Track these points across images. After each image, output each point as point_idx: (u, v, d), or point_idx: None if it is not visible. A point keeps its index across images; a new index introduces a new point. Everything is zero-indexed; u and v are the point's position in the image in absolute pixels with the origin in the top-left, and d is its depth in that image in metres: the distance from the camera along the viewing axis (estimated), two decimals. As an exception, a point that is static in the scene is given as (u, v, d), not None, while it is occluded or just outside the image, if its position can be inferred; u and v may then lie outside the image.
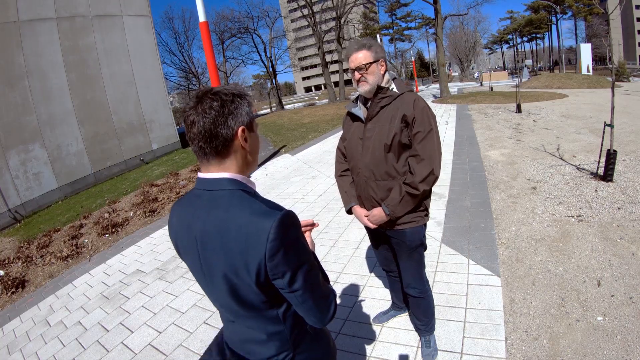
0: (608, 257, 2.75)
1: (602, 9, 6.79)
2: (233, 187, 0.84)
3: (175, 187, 7.02)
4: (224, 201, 0.82)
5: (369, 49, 1.64)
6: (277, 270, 0.78)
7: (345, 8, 26.72)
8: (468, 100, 14.98)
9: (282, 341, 0.91)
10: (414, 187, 1.60)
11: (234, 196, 0.83)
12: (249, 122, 0.86)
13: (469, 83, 34.48)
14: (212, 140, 0.81)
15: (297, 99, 55.01)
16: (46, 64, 9.04)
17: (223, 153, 0.84)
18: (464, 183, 4.83)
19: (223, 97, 0.82)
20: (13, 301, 3.85)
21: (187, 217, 0.89)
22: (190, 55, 38.42)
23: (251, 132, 0.88)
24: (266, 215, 0.77)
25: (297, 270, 0.80)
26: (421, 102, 1.64)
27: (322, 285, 0.90)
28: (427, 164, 1.59)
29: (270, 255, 0.76)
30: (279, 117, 17.05)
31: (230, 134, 0.82)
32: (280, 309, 0.88)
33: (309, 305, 0.85)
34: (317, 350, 0.99)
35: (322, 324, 0.90)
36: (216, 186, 0.84)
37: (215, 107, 0.80)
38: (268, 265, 0.77)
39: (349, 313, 2.50)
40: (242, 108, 0.84)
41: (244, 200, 0.82)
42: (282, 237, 0.76)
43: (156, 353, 2.46)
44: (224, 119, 0.81)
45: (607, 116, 4.45)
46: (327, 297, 0.89)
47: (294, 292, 0.82)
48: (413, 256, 1.83)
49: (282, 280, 0.79)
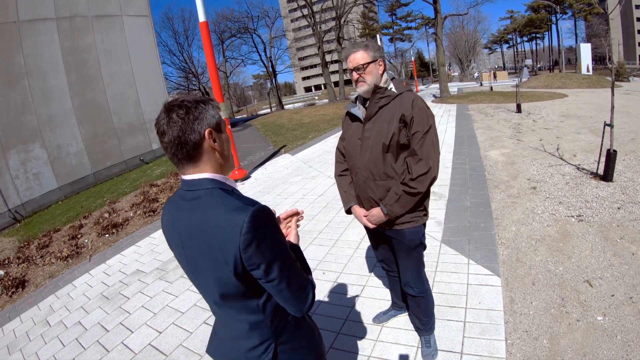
0: (608, 257, 2.75)
1: (602, 8, 6.79)
2: (212, 186, 0.91)
3: (175, 187, 7.02)
4: (204, 200, 0.89)
5: (367, 49, 1.64)
6: (252, 261, 0.83)
7: (345, 8, 26.72)
8: (468, 100, 14.98)
9: (264, 331, 0.95)
10: (411, 186, 1.60)
11: (212, 195, 0.89)
12: (216, 124, 0.92)
13: (468, 83, 34.47)
14: (183, 146, 0.88)
15: (297, 99, 55.05)
16: (46, 64, 9.03)
17: (195, 156, 0.90)
18: (464, 183, 4.83)
19: (187, 104, 0.88)
20: (13, 301, 3.85)
21: (173, 217, 0.96)
22: (190, 55, 38.49)
23: (219, 133, 0.94)
24: (240, 210, 0.83)
25: (272, 261, 0.86)
26: (420, 101, 1.64)
27: (300, 275, 0.94)
28: (424, 164, 1.58)
29: (244, 247, 0.82)
30: (279, 117, 17.05)
31: (198, 137, 0.88)
32: (260, 300, 0.93)
33: (285, 295, 0.90)
34: (299, 340, 1.02)
35: (301, 313, 0.95)
36: (197, 186, 0.91)
37: (181, 114, 0.87)
38: (243, 257, 0.83)
39: (349, 313, 2.50)
40: (207, 112, 0.90)
41: (221, 198, 0.88)
42: (254, 230, 0.82)
43: (156, 353, 2.46)
44: (191, 124, 0.87)
45: (607, 116, 4.45)
46: (304, 287, 0.94)
47: (270, 282, 0.87)
48: (412, 256, 1.83)
49: (258, 270, 0.85)
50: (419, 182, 1.59)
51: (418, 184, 1.59)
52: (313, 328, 1.10)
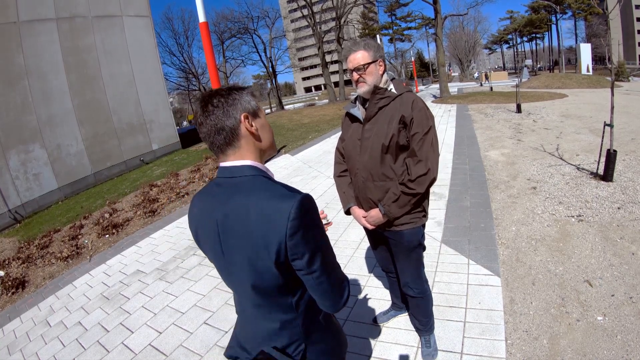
0: (608, 257, 2.75)
1: (601, 9, 6.79)
2: (255, 173, 0.89)
3: (175, 188, 7.01)
4: (246, 187, 0.87)
5: (367, 49, 1.62)
6: (296, 249, 0.81)
7: (345, 8, 26.70)
8: (468, 100, 14.98)
9: (294, 330, 0.93)
10: (410, 187, 1.60)
11: (255, 181, 0.88)
12: (252, 109, 0.92)
13: (468, 83, 34.47)
14: (220, 132, 0.88)
15: (297, 99, 55.05)
16: (46, 65, 9.04)
17: (234, 142, 0.89)
18: (464, 183, 4.83)
19: (221, 92, 0.89)
20: (13, 302, 3.85)
21: (208, 206, 0.93)
22: (190, 55, 38.53)
23: (256, 118, 0.93)
24: (286, 197, 0.81)
25: (316, 251, 0.84)
26: (420, 102, 1.63)
27: (339, 269, 0.93)
28: (423, 165, 1.58)
29: (291, 234, 0.79)
30: (279, 117, 17.05)
31: (234, 122, 0.88)
32: (294, 297, 0.91)
33: (324, 287, 0.88)
34: (328, 342, 1.00)
35: (335, 309, 0.92)
36: (238, 173, 0.89)
37: (215, 102, 0.87)
38: (288, 244, 0.80)
39: (349, 313, 2.50)
40: (242, 98, 0.90)
41: (265, 185, 0.87)
42: (302, 217, 0.79)
43: (156, 353, 2.46)
44: (226, 111, 0.87)
45: (607, 116, 4.45)
46: (342, 281, 0.93)
47: (311, 274, 0.85)
48: (411, 257, 1.82)
49: (301, 260, 0.82)
50: (418, 183, 1.59)
51: (417, 185, 1.59)
52: (339, 329, 1.09)
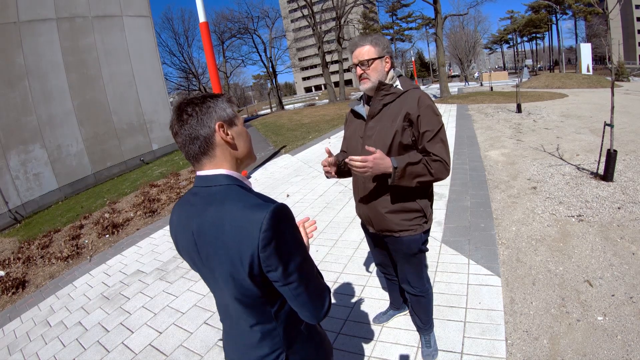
0: (608, 256, 2.75)
1: (601, 8, 6.79)
2: (229, 182, 0.88)
3: (175, 188, 7.02)
4: (220, 196, 0.85)
5: (375, 44, 1.57)
6: (270, 262, 0.78)
7: (345, 8, 26.71)
8: (468, 100, 14.98)
9: (275, 340, 0.92)
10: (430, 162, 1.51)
11: (230, 191, 0.86)
12: (228, 117, 0.90)
13: (460, 83, 34.45)
14: (195, 142, 0.86)
15: (297, 99, 55.02)
16: (46, 64, 9.04)
17: (209, 151, 0.88)
18: (464, 183, 4.83)
19: (195, 101, 0.88)
20: (13, 302, 3.85)
21: (185, 215, 0.92)
22: (190, 55, 38.46)
23: (232, 127, 0.91)
24: (259, 207, 0.79)
25: (291, 263, 0.81)
26: (427, 99, 1.56)
27: (317, 279, 0.90)
28: (442, 164, 1.52)
29: (263, 246, 0.77)
30: (279, 118, 17.05)
31: (208, 131, 0.86)
32: (273, 308, 0.89)
33: (303, 299, 0.85)
34: (310, 351, 0.99)
35: (317, 320, 0.89)
36: (213, 182, 0.88)
37: (190, 112, 0.86)
38: (261, 256, 0.78)
39: (349, 313, 2.50)
40: (216, 106, 0.88)
41: (238, 195, 0.85)
42: (274, 229, 0.77)
43: (156, 353, 2.46)
44: (200, 120, 0.86)
45: (607, 116, 4.45)
46: (321, 291, 0.90)
47: (287, 285, 0.82)
48: (412, 261, 1.78)
49: (276, 272, 0.80)
50: (438, 169, 1.52)
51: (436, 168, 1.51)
52: (324, 337, 1.07)
